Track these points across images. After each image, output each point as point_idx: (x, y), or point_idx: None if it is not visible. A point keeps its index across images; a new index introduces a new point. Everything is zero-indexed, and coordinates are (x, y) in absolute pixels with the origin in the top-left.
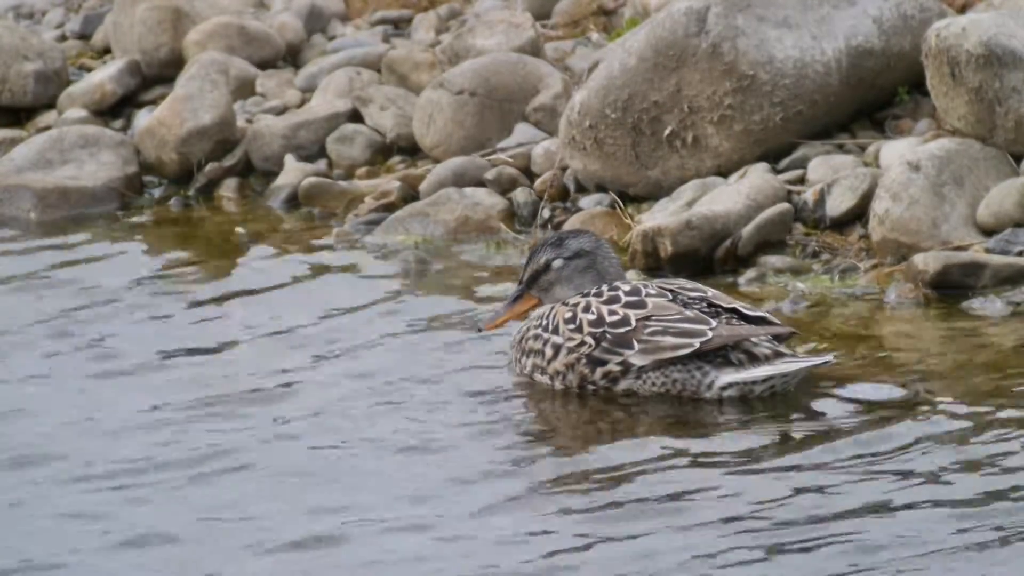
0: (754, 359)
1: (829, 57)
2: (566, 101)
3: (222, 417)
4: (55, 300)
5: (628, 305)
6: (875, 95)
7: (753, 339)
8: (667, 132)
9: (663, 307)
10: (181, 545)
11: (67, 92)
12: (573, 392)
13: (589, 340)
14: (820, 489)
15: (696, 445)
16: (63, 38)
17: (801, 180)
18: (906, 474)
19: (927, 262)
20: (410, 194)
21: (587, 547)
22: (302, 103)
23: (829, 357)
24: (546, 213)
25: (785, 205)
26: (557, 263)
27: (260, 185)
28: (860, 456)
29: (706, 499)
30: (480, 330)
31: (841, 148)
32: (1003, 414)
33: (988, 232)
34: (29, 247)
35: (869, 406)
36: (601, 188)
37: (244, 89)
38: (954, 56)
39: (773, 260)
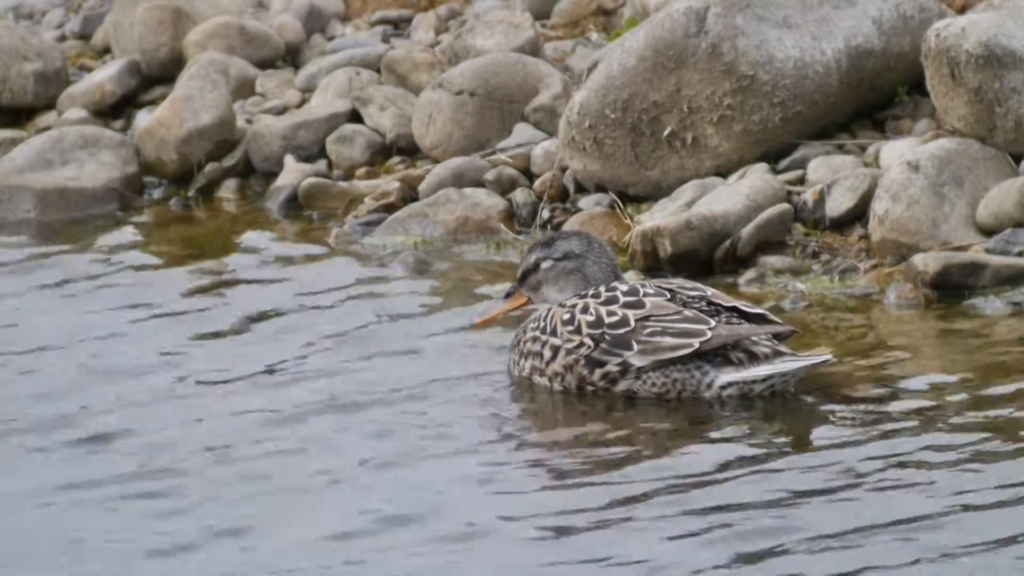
0: (754, 358)
1: (829, 57)
2: (566, 101)
3: (213, 418)
4: (54, 300)
5: (626, 305)
6: (875, 95)
7: (752, 338)
8: (666, 132)
9: (661, 307)
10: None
11: (67, 92)
12: (572, 393)
13: (588, 341)
14: (820, 489)
15: (696, 445)
16: (63, 38)
17: (801, 180)
18: (906, 475)
19: (927, 262)
20: (409, 195)
21: (586, 548)
22: (302, 103)
23: (828, 356)
24: (546, 214)
25: (785, 205)
26: (545, 263)
27: (260, 186)
28: (859, 456)
29: (705, 499)
30: (474, 324)
31: (841, 148)
32: (1004, 415)
33: (988, 232)
34: (29, 247)
35: (868, 406)
36: (601, 188)
37: (244, 89)
38: (954, 56)
39: (773, 260)
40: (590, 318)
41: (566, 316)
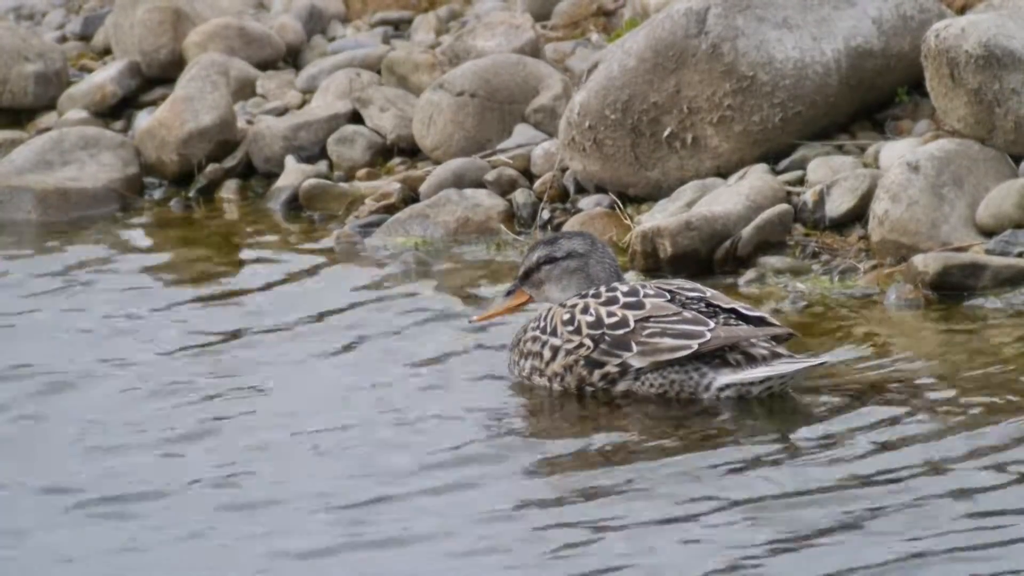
0: (752, 360)
1: (829, 58)
2: (566, 102)
3: (214, 418)
4: (54, 301)
5: (626, 306)
6: (875, 96)
7: (751, 340)
8: (666, 133)
9: (661, 308)
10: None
11: (67, 93)
12: (571, 394)
13: (587, 342)
14: (819, 489)
15: (694, 446)
16: (63, 39)
17: (801, 181)
18: (906, 475)
19: (927, 263)
20: (410, 195)
21: (586, 548)
22: (302, 104)
23: (826, 358)
24: (546, 214)
25: (785, 206)
26: (548, 262)
27: (261, 186)
28: (858, 457)
29: (704, 500)
30: (471, 321)
31: (841, 149)
32: (1003, 415)
33: (988, 233)
34: (29, 248)
35: (867, 407)
36: (601, 189)
37: (244, 90)
38: (953, 57)
39: (773, 261)
40: (590, 318)
41: (566, 316)
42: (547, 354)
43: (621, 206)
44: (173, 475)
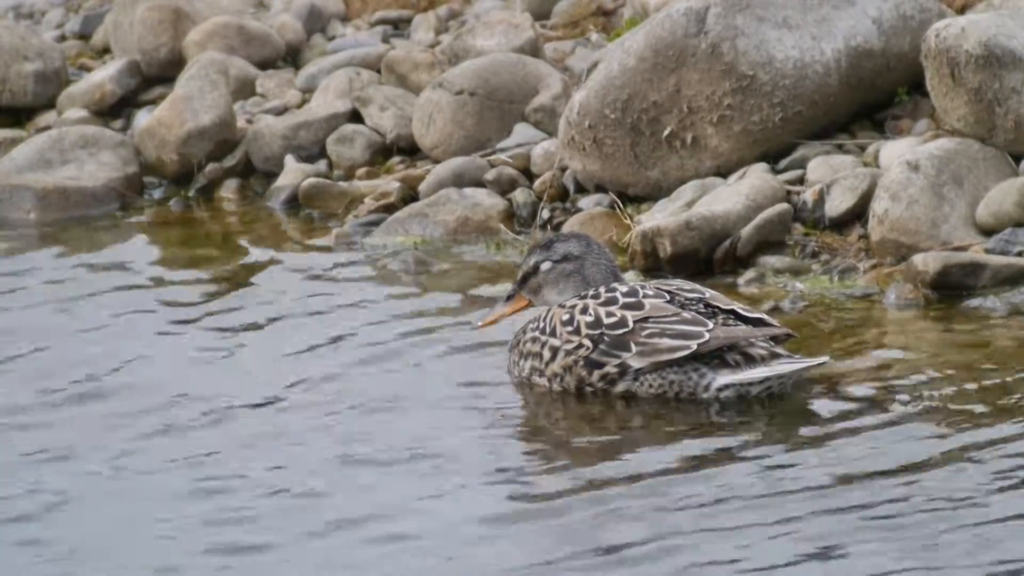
0: (751, 360)
1: (829, 57)
2: (565, 101)
3: (216, 420)
4: (54, 300)
5: (625, 307)
6: (875, 95)
7: (750, 340)
8: (666, 132)
9: (660, 308)
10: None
11: (67, 92)
12: (571, 394)
13: (587, 343)
14: (818, 490)
15: (693, 447)
16: (63, 38)
17: (800, 180)
18: (905, 475)
19: (927, 262)
20: (410, 195)
21: (585, 548)
22: (302, 103)
23: (826, 358)
24: (545, 214)
25: (784, 205)
26: (545, 266)
27: (260, 186)
28: (858, 457)
29: (703, 501)
30: (475, 328)
31: (840, 148)
32: (1003, 414)
33: (988, 232)
34: (29, 247)
35: (867, 407)
36: (600, 188)
37: (244, 89)
38: (953, 57)
39: (772, 260)
40: (589, 319)
41: (565, 317)
42: (547, 355)
43: (621, 206)
44: (172, 475)
